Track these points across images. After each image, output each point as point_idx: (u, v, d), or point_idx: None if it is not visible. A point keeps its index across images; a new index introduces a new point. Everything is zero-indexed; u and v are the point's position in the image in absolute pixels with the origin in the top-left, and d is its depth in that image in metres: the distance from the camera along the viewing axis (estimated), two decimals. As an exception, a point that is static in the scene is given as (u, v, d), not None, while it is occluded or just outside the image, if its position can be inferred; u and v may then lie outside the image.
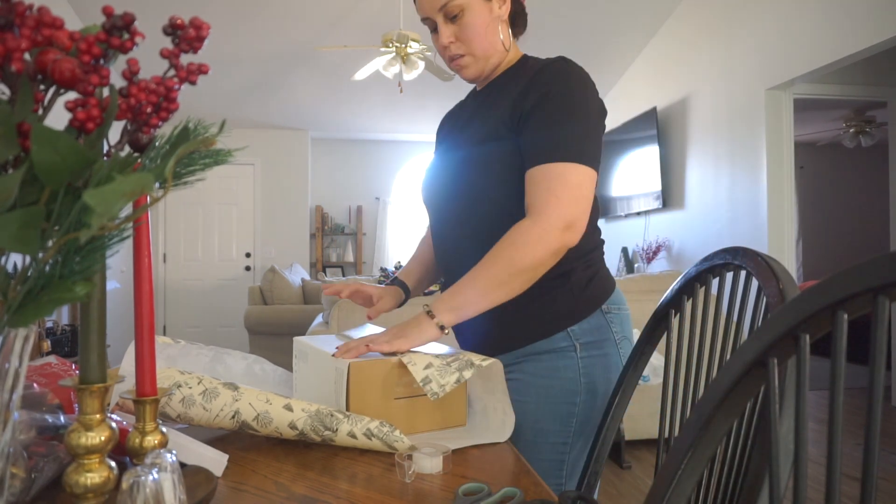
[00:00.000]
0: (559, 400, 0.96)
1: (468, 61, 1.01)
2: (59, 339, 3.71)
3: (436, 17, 0.99)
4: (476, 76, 1.04)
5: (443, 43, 1.00)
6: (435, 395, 0.77)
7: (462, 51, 1.00)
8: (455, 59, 1.02)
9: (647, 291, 2.97)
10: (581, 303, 0.98)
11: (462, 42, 0.99)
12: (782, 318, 0.42)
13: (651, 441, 3.12)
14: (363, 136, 6.95)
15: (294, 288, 4.72)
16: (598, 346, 0.98)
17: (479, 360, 0.82)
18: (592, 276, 1.00)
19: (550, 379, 0.96)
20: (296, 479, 0.69)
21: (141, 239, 0.59)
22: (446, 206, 1.05)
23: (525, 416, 0.96)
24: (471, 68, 1.02)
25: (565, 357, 0.97)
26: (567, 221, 0.88)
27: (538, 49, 1.09)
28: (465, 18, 0.97)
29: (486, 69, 1.03)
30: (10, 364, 0.43)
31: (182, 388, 0.76)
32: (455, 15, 0.97)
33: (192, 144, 0.43)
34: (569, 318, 0.97)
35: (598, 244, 1.04)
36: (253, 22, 4.29)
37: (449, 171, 1.05)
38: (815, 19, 3.25)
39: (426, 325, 0.89)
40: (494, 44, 1.00)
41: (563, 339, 0.97)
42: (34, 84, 0.41)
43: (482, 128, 0.99)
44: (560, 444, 0.97)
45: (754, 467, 0.55)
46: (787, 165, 3.64)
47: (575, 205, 0.89)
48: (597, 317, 0.99)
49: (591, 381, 0.97)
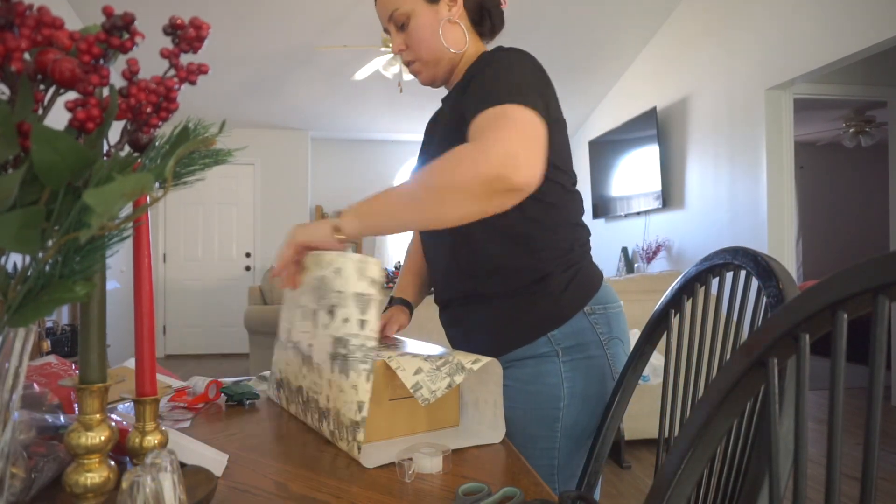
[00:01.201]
0: (544, 405, 0.95)
1: (419, 67, 1.03)
2: (59, 339, 3.71)
3: (388, 26, 1.02)
4: (430, 80, 1.06)
5: (394, 51, 1.03)
6: (426, 400, 0.76)
7: (412, 57, 1.03)
8: (409, 65, 1.04)
9: (647, 291, 2.97)
10: (561, 307, 0.96)
11: (411, 48, 1.02)
12: (782, 318, 0.42)
13: (651, 441, 3.11)
14: (363, 136, 6.94)
15: (294, 288, 4.71)
16: (581, 349, 0.96)
17: (470, 364, 0.81)
18: (572, 278, 0.98)
19: (535, 385, 0.96)
20: (296, 479, 0.69)
21: (141, 239, 0.59)
22: None
23: (514, 422, 0.95)
24: (423, 73, 1.04)
25: (547, 362, 0.95)
26: (508, 151, 0.73)
27: (538, 49, 1.09)
28: (411, 25, 0.99)
29: (440, 72, 1.04)
30: (10, 364, 0.43)
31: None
32: (403, 23, 1.00)
33: (192, 144, 0.43)
34: (549, 322, 0.96)
35: (579, 242, 1.01)
36: (253, 22, 4.29)
37: None
38: (815, 19, 3.25)
39: (322, 225, 0.82)
40: (441, 46, 1.00)
41: (544, 344, 0.96)
42: (34, 84, 0.41)
43: (447, 128, 0.99)
44: (549, 449, 0.96)
45: (754, 467, 0.55)
46: (787, 165, 3.64)
47: (521, 137, 0.75)
48: (579, 319, 0.96)
49: (573, 386, 0.95)
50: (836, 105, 5.67)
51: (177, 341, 6.34)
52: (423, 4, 0.98)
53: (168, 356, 6.27)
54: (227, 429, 0.89)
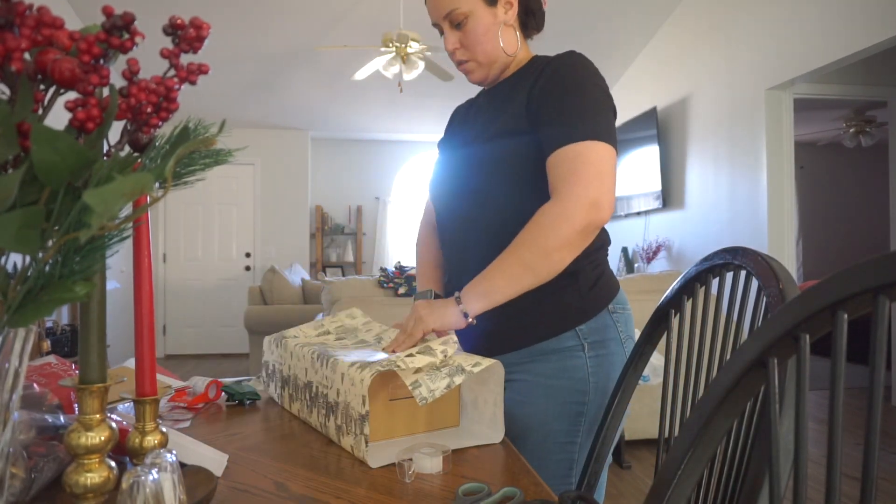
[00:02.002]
0: (568, 400, 0.96)
1: (472, 66, 1.04)
2: (59, 339, 3.72)
3: (442, 24, 1.03)
4: (482, 80, 1.07)
5: (448, 49, 1.03)
6: (424, 399, 0.77)
7: (466, 56, 1.03)
8: (461, 63, 1.05)
9: (647, 291, 2.97)
10: (589, 302, 0.98)
11: (466, 48, 1.02)
12: (782, 318, 0.42)
13: (651, 441, 3.12)
14: (363, 136, 6.95)
15: (294, 288, 4.72)
16: (604, 345, 0.98)
17: (471, 366, 0.81)
18: (600, 276, 1.01)
19: (559, 379, 0.96)
20: (296, 479, 0.69)
21: (141, 239, 0.59)
22: (455, 203, 1.06)
23: (533, 417, 0.96)
24: (476, 73, 1.05)
25: (573, 357, 0.97)
26: (591, 198, 0.87)
27: (538, 48, 1.09)
28: (469, 25, 1.00)
29: (492, 73, 1.05)
30: (10, 364, 0.43)
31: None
32: (459, 22, 1.00)
33: (192, 144, 0.43)
34: (577, 317, 0.98)
35: (605, 243, 1.05)
36: (253, 22, 4.29)
37: (458, 169, 1.06)
38: (814, 19, 3.25)
39: (452, 310, 0.90)
40: (498, 49, 1.02)
41: (571, 338, 0.97)
42: (34, 84, 0.41)
43: (492, 125, 1.00)
44: (569, 444, 0.97)
45: (754, 467, 0.55)
46: (787, 165, 3.64)
47: (598, 181, 0.88)
48: (603, 316, 0.99)
49: (599, 381, 0.97)
50: (836, 105, 5.67)
51: (177, 341, 6.34)
52: (482, 6, 0.99)
53: (168, 356, 6.27)
54: (227, 429, 0.89)
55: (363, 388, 0.73)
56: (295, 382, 0.94)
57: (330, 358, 0.83)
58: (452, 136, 1.13)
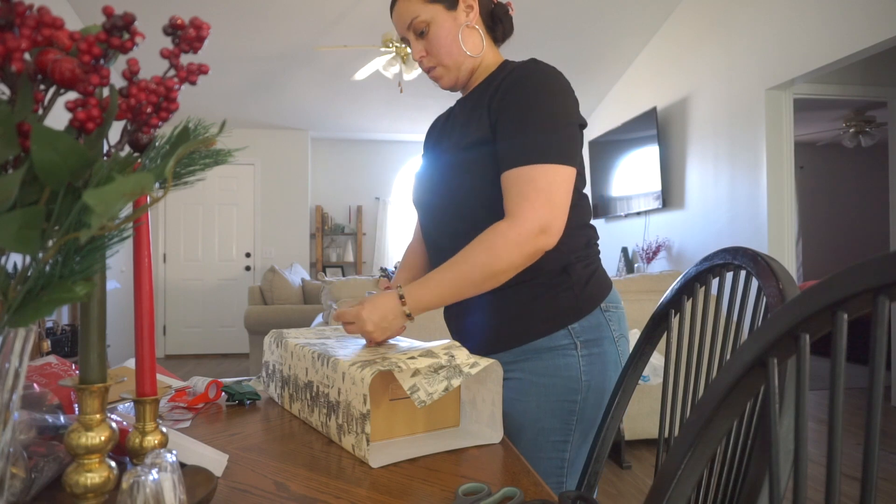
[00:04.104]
0: (560, 398, 0.97)
1: (441, 72, 1.06)
2: (59, 339, 3.71)
3: (407, 35, 1.05)
4: (452, 85, 1.08)
5: (416, 58, 1.06)
6: (422, 402, 0.77)
7: (433, 63, 1.05)
8: (430, 70, 1.07)
9: (647, 291, 2.97)
10: (582, 300, 0.99)
11: (431, 55, 1.05)
12: (782, 318, 0.42)
13: (651, 441, 3.12)
14: (363, 136, 6.95)
15: (294, 288, 4.72)
16: (598, 343, 0.99)
17: (469, 368, 0.81)
18: (592, 274, 1.02)
19: (552, 377, 0.97)
20: (296, 479, 0.69)
21: (141, 239, 0.59)
22: (436, 209, 1.07)
23: (526, 416, 0.96)
24: (445, 78, 1.07)
25: (566, 355, 0.97)
26: (541, 225, 0.89)
27: (538, 49, 1.10)
28: (431, 32, 1.02)
29: (461, 77, 1.07)
30: (10, 364, 0.43)
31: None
32: (422, 30, 1.03)
33: (192, 144, 0.43)
34: (570, 315, 0.98)
35: (591, 239, 1.05)
36: (253, 22, 4.29)
37: (437, 176, 1.07)
38: (814, 19, 3.25)
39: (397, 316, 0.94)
40: (461, 51, 1.04)
41: (564, 336, 0.98)
42: (34, 84, 0.41)
43: (464, 134, 1.01)
44: (561, 443, 0.97)
45: (754, 467, 0.55)
46: (787, 165, 3.64)
47: (548, 208, 0.90)
48: (596, 315, 1.00)
49: (591, 379, 0.97)
50: (836, 105, 5.67)
51: (177, 341, 6.34)
52: (442, 11, 1.01)
53: (168, 356, 6.27)
54: (227, 429, 0.89)
55: (364, 387, 0.73)
56: (295, 382, 0.94)
57: (330, 357, 0.83)
58: (432, 146, 1.14)
